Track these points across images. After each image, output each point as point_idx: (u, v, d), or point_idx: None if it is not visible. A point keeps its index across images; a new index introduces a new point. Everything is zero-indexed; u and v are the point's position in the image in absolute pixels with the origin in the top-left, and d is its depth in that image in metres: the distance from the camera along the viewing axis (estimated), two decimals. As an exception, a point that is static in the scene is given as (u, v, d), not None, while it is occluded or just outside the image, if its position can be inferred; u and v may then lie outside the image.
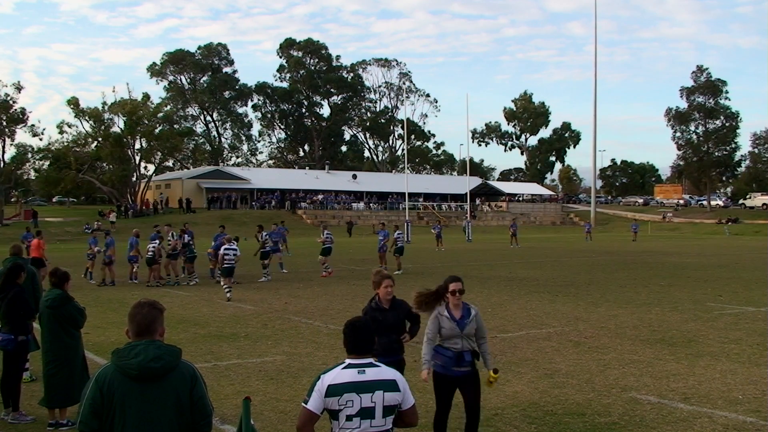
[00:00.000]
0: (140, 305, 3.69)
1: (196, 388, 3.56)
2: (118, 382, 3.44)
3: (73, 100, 67.09)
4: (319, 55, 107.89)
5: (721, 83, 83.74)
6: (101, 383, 3.46)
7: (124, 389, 3.43)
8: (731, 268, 26.69)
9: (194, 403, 3.54)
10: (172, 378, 3.50)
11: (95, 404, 3.43)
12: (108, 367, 3.53)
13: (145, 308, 3.66)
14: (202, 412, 3.56)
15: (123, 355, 3.50)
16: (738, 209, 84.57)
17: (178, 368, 3.54)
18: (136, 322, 3.61)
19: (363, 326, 4.01)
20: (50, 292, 7.43)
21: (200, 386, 3.59)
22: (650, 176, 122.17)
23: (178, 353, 3.58)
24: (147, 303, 3.71)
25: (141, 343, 3.53)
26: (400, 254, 25.11)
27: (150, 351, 3.48)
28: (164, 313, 3.76)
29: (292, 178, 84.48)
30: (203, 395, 3.60)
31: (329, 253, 23.98)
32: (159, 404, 3.46)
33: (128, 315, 3.68)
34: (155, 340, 3.58)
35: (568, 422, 7.29)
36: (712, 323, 13.51)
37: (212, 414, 3.66)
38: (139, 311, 3.64)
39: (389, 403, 3.84)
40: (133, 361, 3.45)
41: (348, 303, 16.76)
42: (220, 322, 13.99)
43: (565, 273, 24.68)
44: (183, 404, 3.50)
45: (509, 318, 14.35)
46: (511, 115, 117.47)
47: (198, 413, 3.55)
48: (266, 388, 8.76)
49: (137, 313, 3.64)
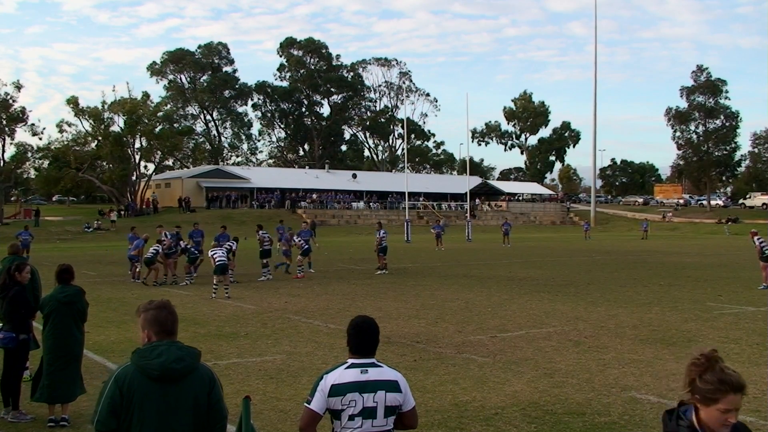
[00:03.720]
0: (161, 307, 3.67)
1: (214, 391, 3.57)
2: (138, 382, 3.43)
3: (73, 99, 67.05)
4: (319, 55, 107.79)
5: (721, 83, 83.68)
6: (121, 383, 3.43)
7: (144, 389, 3.42)
8: (731, 267, 26.69)
9: (211, 405, 3.55)
10: (191, 380, 3.50)
11: (114, 403, 3.41)
12: (128, 366, 3.50)
13: (165, 310, 3.66)
14: (218, 414, 3.57)
15: (144, 355, 3.49)
16: (738, 209, 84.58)
17: (197, 370, 3.55)
18: (159, 322, 3.61)
19: (368, 327, 3.98)
20: (66, 287, 7.46)
21: (218, 389, 3.61)
22: (650, 176, 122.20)
23: (198, 355, 3.60)
24: (165, 305, 3.71)
25: (163, 343, 3.53)
26: (383, 254, 25.09)
27: (172, 352, 3.49)
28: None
29: (292, 178, 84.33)
30: (220, 398, 3.61)
31: (267, 255, 23.30)
32: (178, 405, 3.45)
33: (147, 318, 3.64)
34: (176, 342, 3.59)
35: (567, 421, 7.29)
36: (711, 323, 13.52)
37: (227, 417, 3.66)
38: (161, 313, 3.64)
39: (391, 404, 3.84)
40: (155, 362, 3.43)
41: (348, 302, 16.77)
42: (220, 322, 13.99)
43: (565, 272, 24.68)
44: (200, 406, 3.51)
45: (509, 317, 14.35)
46: (511, 114, 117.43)
47: (214, 416, 3.56)
48: (266, 387, 8.77)
49: (159, 315, 3.63)
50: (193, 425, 3.49)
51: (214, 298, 17.46)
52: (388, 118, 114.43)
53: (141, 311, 3.71)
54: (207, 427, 3.53)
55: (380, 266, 24.73)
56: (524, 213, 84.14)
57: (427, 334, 12.41)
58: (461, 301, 16.79)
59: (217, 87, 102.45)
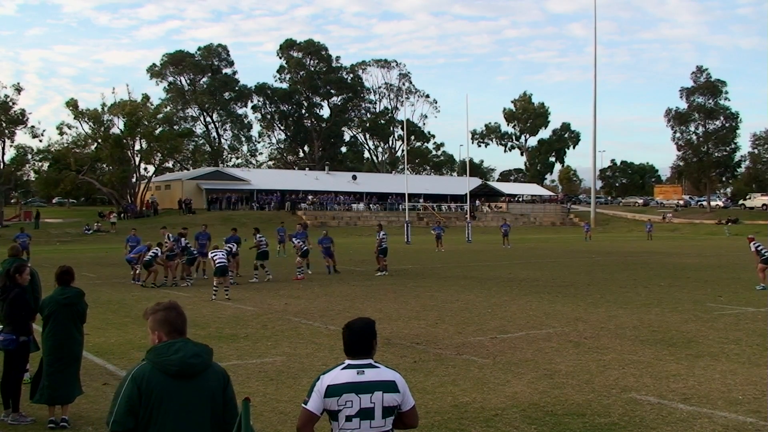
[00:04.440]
0: (169, 308, 3.71)
1: (228, 387, 3.65)
2: (157, 379, 3.45)
3: (72, 101, 67.12)
4: (319, 56, 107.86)
5: (720, 84, 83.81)
6: (139, 381, 3.45)
7: (162, 387, 3.45)
8: (731, 268, 26.68)
9: (227, 402, 3.61)
10: (207, 376, 3.56)
11: (132, 402, 3.41)
12: (144, 365, 3.52)
13: (174, 311, 3.70)
14: (233, 411, 3.62)
15: (162, 352, 3.52)
16: (738, 210, 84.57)
17: (212, 367, 3.62)
18: (169, 323, 3.64)
19: (360, 328, 3.99)
20: (66, 289, 7.47)
21: (231, 386, 3.68)
22: (650, 177, 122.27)
23: (211, 352, 3.66)
24: (174, 305, 3.74)
25: (178, 340, 3.58)
26: (383, 255, 25.10)
27: (189, 348, 3.54)
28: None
29: (292, 179, 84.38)
30: (234, 395, 3.68)
31: (265, 257, 23.13)
32: (196, 401, 3.50)
33: (157, 319, 3.66)
34: (189, 339, 3.64)
35: (567, 423, 7.29)
36: (712, 324, 13.51)
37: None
38: (170, 313, 3.68)
39: (388, 404, 3.85)
40: (173, 357, 3.47)
41: (348, 304, 16.76)
42: (220, 323, 13.99)
43: (565, 273, 24.67)
44: (217, 402, 3.56)
45: (509, 318, 14.35)
46: (511, 115, 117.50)
47: (229, 412, 3.61)
48: (266, 388, 8.77)
49: (169, 315, 3.66)
50: (210, 421, 3.53)
51: (215, 300, 17.47)
52: (387, 120, 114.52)
53: (149, 313, 3.72)
54: (223, 423, 3.57)
55: (380, 267, 24.73)
56: (524, 214, 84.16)
57: (427, 336, 12.41)
58: (461, 303, 16.79)
59: (217, 89, 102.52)
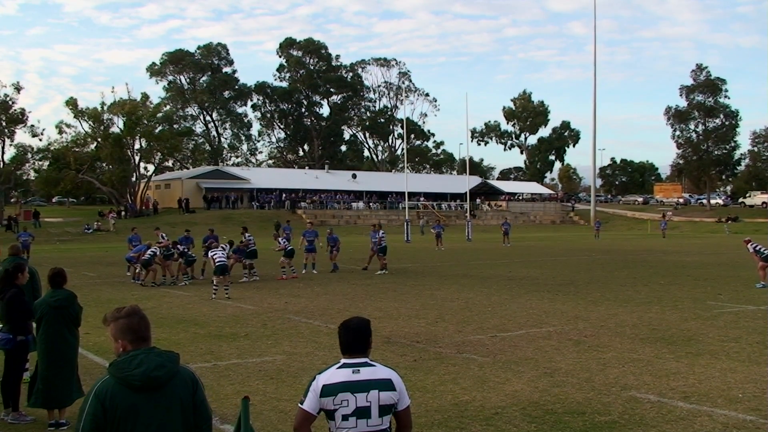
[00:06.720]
0: (131, 314, 3.54)
1: (198, 391, 3.54)
2: (121, 394, 3.33)
3: (72, 100, 67.01)
4: (318, 55, 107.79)
5: (720, 82, 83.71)
6: (102, 398, 3.32)
7: (128, 401, 3.33)
8: (731, 266, 26.67)
9: (197, 406, 3.52)
10: (174, 384, 3.44)
11: (97, 420, 3.30)
12: (107, 380, 3.39)
13: (136, 316, 3.53)
14: (204, 414, 3.56)
15: (123, 366, 3.38)
16: (738, 208, 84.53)
17: (179, 374, 3.49)
18: (132, 330, 3.49)
19: (356, 326, 3.98)
20: (57, 292, 7.41)
21: (201, 389, 3.57)
22: (650, 175, 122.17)
23: (177, 358, 3.53)
24: (135, 311, 3.57)
25: (140, 351, 3.43)
26: (383, 254, 25.13)
27: (152, 359, 3.39)
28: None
29: (292, 178, 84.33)
30: (204, 398, 3.59)
31: (254, 256, 23.25)
32: (166, 412, 3.40)
33: (118, 327, 3.49)
34: (153, 348, 3.50)
35: (567, 421, 7.29)
36: (711, 322, 13.51)
37: (212, 417, 3.67)
38: (132, 320, 3.51)
39: (385, 403, 3.84)
40: (136, 372, 3.33)
41: (348, 303, 16.77)
42: (219, 322, 13.99)
43: (565, 272, 24.67)
44: (187, 409, 3.47)
45: (509, 317, 14.35)
46: (511, 114, 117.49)
47: (201, 416, 3.53)
48: (266, 387, 8.76)
49: (131, 322, 3.50)
50: (183, 428, 3.46)
51: (214, 299, 17.46)
52: (387, 118, 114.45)
53: (110, 320, 3.55)
54: (194, 428, 3.51)
55: (381, 266, 24.72)
56: (524, 212, 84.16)
57: (427, 334, 12.41)
58: (461, 301, 16.79)
59: (217, 88, 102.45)
